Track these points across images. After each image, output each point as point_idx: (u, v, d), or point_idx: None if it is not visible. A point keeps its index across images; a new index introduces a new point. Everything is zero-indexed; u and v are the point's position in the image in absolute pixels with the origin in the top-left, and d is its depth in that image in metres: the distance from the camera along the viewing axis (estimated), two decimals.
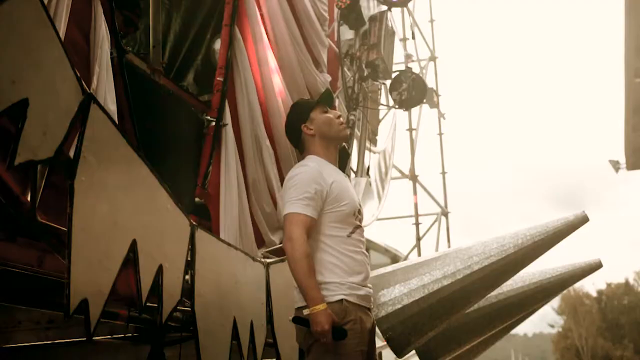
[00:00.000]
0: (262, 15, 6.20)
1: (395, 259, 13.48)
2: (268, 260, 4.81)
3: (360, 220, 3.86)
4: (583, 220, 5.68)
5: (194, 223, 3.91)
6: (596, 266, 6.67)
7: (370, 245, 20.19)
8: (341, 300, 3.58)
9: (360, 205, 3.89)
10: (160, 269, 3.49)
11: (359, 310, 3.65)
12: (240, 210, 5.39)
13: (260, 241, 5.76)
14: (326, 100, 4.06)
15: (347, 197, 3.77)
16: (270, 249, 5.80)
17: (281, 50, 6.44)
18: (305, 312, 3.49)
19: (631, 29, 13.71)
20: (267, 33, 6.25)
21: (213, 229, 5.07)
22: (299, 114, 4.00)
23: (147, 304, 3.43)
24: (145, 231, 3.41)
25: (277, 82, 6.20)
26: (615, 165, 19.57)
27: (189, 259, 3.80)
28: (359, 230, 3.83)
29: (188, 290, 3.79)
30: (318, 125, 3.90)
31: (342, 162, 4.35)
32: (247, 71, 5.80)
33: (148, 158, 3.52)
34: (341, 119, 4.00)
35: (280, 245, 5.88)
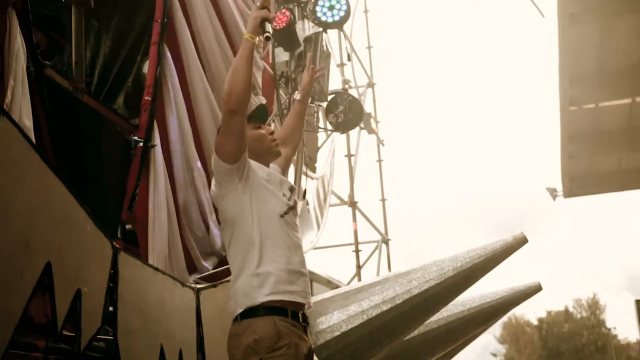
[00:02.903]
0: (193, 35, 6.03)
1: None
2: (199, 286, 4.63)
3: None
4: (522, 241, 5.63)
5: (117, 246, 3.69)
6: (536, 289, 6.63)
7: (312, 277, 20.07)
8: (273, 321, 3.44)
9: None
10: (78, 294, 3.28)
11: (294, 335, 3.49)
12: (170, 234, 5.18)
13: (192, 267, 5.55)
14: (259, 116, 3.95)
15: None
16: (202, 275, 5.59)
17: (213, 71, 6.28)
18: (255, 39, 3.54)
19: (565, 58, 13.90)
20: (198, 53, 6.09)
21: (141, 254, 4.85)
22: None
23: (65, 332, 3.21)
24: (61, 253, 3.19)
25: (210, 103, 6.02)
26: (553, 192, 19.78)
27: (111, 283, 3.59)
28: None
29: (110, 317, 3.57)
30: (249, 141, 3.75)
31: None
32: (177, 91, 5.62)
33: (69, 178, 3.32)
34: (274, 135, 3.89)
35: (214, 271, 5.68)
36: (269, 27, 3.64)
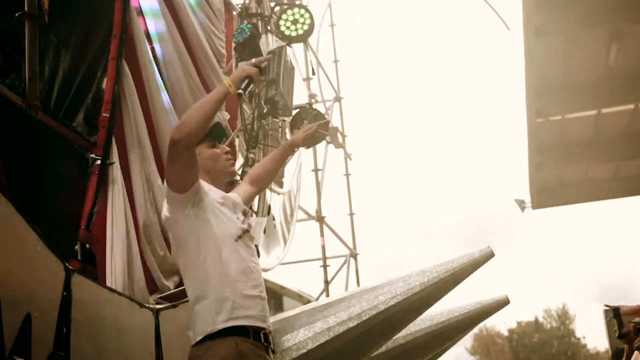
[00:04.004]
0: (153, 50, 5.94)
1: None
2: (158, 307, 4.52)
3: None
4: (488, 255, 5.60)
5: (69, 267, 3.58)
6: (503, 302, 6.60)
7: (283, 292, 19.94)
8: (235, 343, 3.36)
9: None
10: (28, 319, 3.17)
11: (256, 356, 3.42)
12: (129, 254, 5.06)
13: (153, 287, 5.43)
14: (215, 134, 3.87)
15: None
16: (163, 294, 5.47)
17: (175, 87, 6.20)
18: (233, 89, 3.45)
19: (531, 70, 14.01)
20: (159, 68, 6.00)
21: (98, 274, 4.73)
22: None
23: (15, 357, 3.10)
24: (9, 276, 3.08)
25: (170, 119, 5.93)
26: (521, 204, 19.87)
27: (63, 306, 3.47)
28: None
29: (63, 341, 3.46)
30: (203, 160, 3.71)
31: None
32: (137, 107, 5.52)
33: (20, 197, 3.21)
34: (229, 155, 3.83)
35: (175, 290, 5.57)
36: (249, 87, 3.58)
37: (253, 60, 3.58)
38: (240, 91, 3.50)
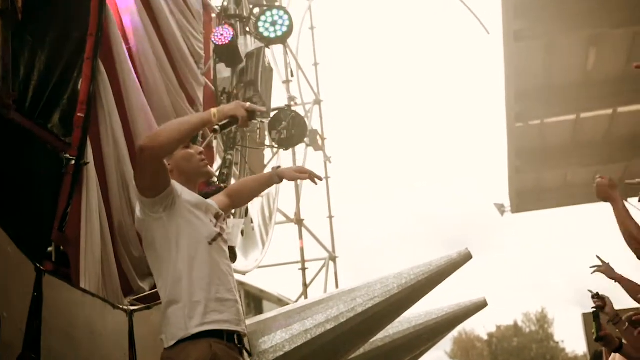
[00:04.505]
0: (129, 50, 5.89)
1: None
2: (132, 308, 4.47)
3: None
4: (466, 257, 5.60)
5: (41, 268, 3.53)
6: (481, 305, 6.60)
7: (262, 295, 19.86)
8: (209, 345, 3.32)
9: None
10: None
11: (230, 358, 3.39)
12: (104, 255, 5.01)
13: (128, 288, 5.38)
14: None
15: None
16: (138, 296, 5.42)
17: (151, 87, 6.16)
18: (215, 120, 3.36)
19: (510, 74, 14.05)
20: (135, 69, 5.95)
21: (72, 275, 4.67)
22: None
23: None
24: None
25: (147, 118, 5.88)
26: (501, 208, 19.90)
27: (34, 307, 3.43)
28: None
29: (33, 342, 3.41)
30: (176, 160, 3.68)
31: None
32: (112, 107, 5.47)
33: None
34: (203, 155, 3.79)
35: (151, 292, 5.52)
36: (229, 126, 3.53)
37: (248, 104, 3.49)
38: (216, 127, 3.45)
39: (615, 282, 5.16)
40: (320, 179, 4.17)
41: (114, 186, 5.39)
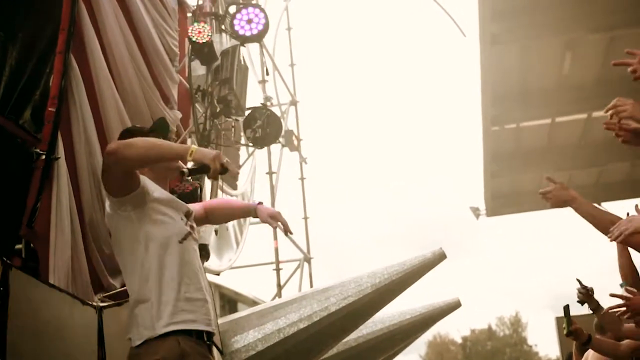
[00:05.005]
0: (102, 44, 5.83)
1: None
2: (101, 304, 4.42)
3: None
4: (441, 257, 5.60)
5: (7, 262, 3.47)
6: (455, 305, 6.61)
7: (237, 298, 19.76)
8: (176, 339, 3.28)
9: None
10: None
11: (199, 355, 3.34)
12: (74, 251, 4.95)
13: (98, 285, 5.32)
14: (159, 129, 3.80)
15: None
16: (109, 293, 5.36)
17: (125, 84, 6.10)
18: (189, 158, 3.28)
19: (487, 78, 14.08)
20: (108, 63, 5.89)
21: (41, 271, 4.61)
22: None
23: None
24: None
25: (120, 114, 5.83)
26: (476, 211, 19.93)
27: None
28: None
29: None
30: None
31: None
32: (84, 102, 5.42)
33: None
34: None
35: (122, 289, 5.46)
36: (199, 173, 3.49)
37: (227, 160, 3.37)
38: (185, 170, 3.42)
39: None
40: (292, 233, 4.18)
41: (85, 182, 5.34)
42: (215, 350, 3.96)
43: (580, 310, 5.05)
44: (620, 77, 13.33)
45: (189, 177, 3.44)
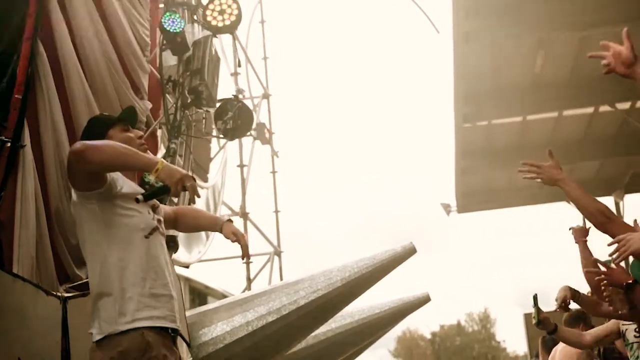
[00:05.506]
0: (71, 31, 5.74)
1: None
2: (66, 295, 4.35)
3: None
4: (411, 251, 5.59)
5: None
6: (425, 299, 6.61)
7: (207, 291, 19.69)
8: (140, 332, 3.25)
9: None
10: None
11: (163, 347, 3.30)
12: (39, 240, 4.87)
13: (64, 275, 5.25)
14: (128, 118, 3.76)
15: None
16: (75, 283, 5.29)
17: (94, 72, 6.00)
18: (151, 177, 3.16)
19: (459, 75, 14.11)
20: (77, 52, 5.80)
21: (5, 261, 4.53)
22: (95, 130, 3.66)
23: None
24: None
25: (88, 102, 5.74)
26: (447, 208, 19.99)
27: None
28: None
29: None
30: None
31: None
32: (52, 90, 5.32)
33: None
34: (142, 140, 3.70)
35: (87, 279, 5.39)
36: (158, 195, 3.45)
37: (192, 184, 3.32)
38: (139, 197, 3.37)
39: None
40: (249, 259, 4.13)
41: (52, 171, 5.25)
42: (182, 343, 3.92)
43: (551, 306, 5.09)
44: (591, 76, 13.45)
45: (144, 201, 3.38)
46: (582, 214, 4.00)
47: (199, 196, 3.41)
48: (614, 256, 3.34)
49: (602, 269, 3.93)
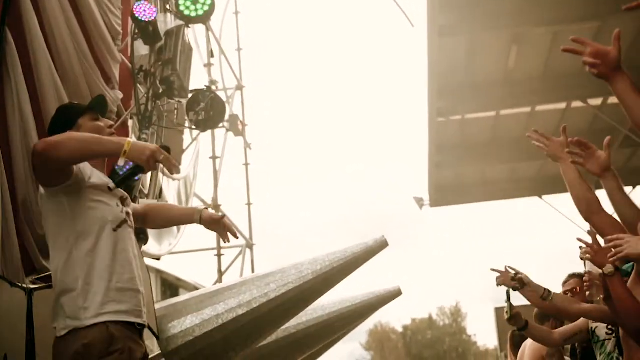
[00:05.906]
0: (41, 21, 5.65)
1: None
2: (31, 286, 4.28)
3: None
4: (382, 245, 5.57)
5: None
6: (396, 293, 6.60)
7: (179, 284, 19.62)
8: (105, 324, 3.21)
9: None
10: None
11: (128, 340, 3.26)
12: (4, 231, 4.79)
13: (30, 267, 5.17)
14: (98, 106, 3.70)
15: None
16: (41, 275, 5.21)
17: (64, 61, 5.92)
18: (121, 162, 3.21)
19: (434, 69, 14.12)
20: (47, 41, 5.71)
21: None
22: (64, 118, 3.61)
23: None
24: None
25: (57, 90, 5.66)
26: (420, 202, 20.03)
27: None
28: None
29: None
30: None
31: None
32: (20, 79, 5.23)
33: None
34: (112, 129, 3.64)
35: None
36: (131, 177, 3.47)
37: (165, 155, 3.24)
38: (111, 185, 3.37)
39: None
40: (236, 237, 4.15)
41: (19, 161, 5.16)
42: (152, 336, 3.87)
43: (522, 300, 5.10)
44: (564, 72, 13.53)
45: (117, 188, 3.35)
46: (572, 198, 3.99)
47: (176, 167, 3.38)
48: (608, 255, 3.30)
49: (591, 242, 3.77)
